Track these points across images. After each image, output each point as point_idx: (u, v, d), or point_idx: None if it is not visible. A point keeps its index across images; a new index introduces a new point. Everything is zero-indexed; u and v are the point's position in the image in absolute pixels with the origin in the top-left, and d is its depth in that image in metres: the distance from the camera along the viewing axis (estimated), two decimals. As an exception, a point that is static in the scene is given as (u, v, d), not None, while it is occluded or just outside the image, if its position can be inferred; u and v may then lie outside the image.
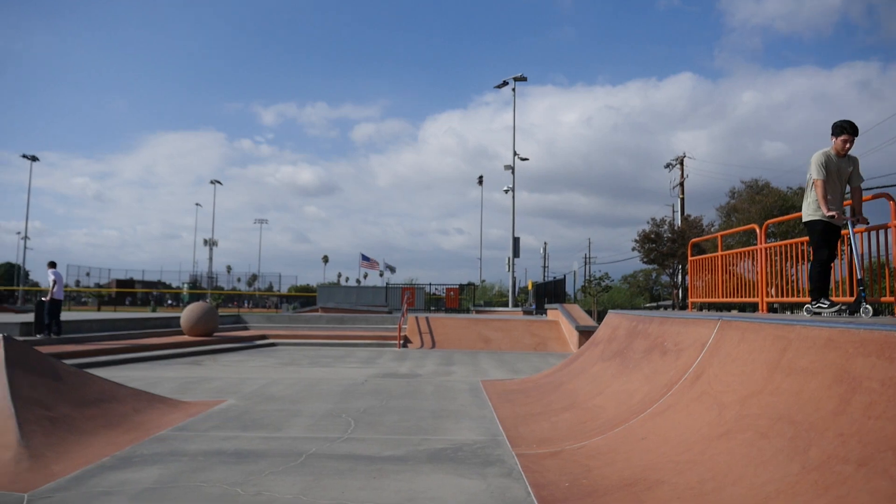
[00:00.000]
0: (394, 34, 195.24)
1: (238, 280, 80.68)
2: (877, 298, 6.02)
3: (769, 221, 9.62)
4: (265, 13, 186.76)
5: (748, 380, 3.87)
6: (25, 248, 57.76)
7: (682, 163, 41.88)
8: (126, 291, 61.42)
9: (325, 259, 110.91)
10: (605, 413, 5.28)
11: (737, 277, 9.38)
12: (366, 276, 77.82)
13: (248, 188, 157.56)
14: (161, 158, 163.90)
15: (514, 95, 31.80)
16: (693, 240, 15.65)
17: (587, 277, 60.15)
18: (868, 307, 5.02)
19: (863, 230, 5.96)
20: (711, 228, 35.78)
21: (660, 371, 5.33)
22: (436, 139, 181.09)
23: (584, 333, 14.10)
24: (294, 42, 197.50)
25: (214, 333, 15.95)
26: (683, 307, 35.06)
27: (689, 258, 11.33)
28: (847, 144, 5.35)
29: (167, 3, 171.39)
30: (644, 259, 38.86)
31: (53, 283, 12.60)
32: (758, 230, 8.69)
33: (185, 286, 63.89)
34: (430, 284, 42.83)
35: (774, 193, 33.36)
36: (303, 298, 59.15)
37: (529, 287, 42.14)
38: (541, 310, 23.75)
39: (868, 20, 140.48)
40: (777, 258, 8.18)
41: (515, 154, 32.35)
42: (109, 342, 12.92)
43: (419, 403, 7.06)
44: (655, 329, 6.29)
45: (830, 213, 5.30)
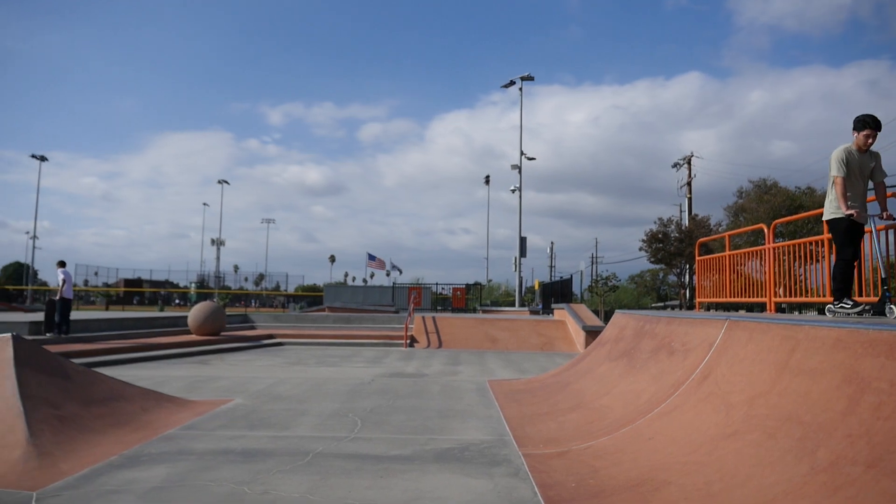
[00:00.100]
0: (401, 34, 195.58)
1: (245, 279, 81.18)
2: None
3: (777, 221, 9.56)
4: (272, 14, 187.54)
5: (756, 380, 3.85)
6: (34, 248, 58.11)
7: (690, 162, 41.77)
8: (134, 291, 61.87)
9: (332, 259, 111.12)
10: (612, 413, 5.26)
11: (745, 277, 9.34)
12: (372, 276, 77.90)
13: (256, 188, 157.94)
14: (169, 158, 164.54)
15: (521, 95, 31.86)
16: (700, 239, 15.63)
17: (594, 277, 60.00)
18: (893, 307, 4.85)
19: (882, 227, 5.71)
20: (719, 228, 35.58)
21: (667, 371, 5.30)
22: (443, 139, 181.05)
23: (591, 333, 14.06)
24: (301, 42, 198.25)
25: (222, 333, 16.01)
26: (691, 307, 34.92)
27: (697, 258, 11.30)
28: (869, 139, 5.17)
29: (176, 4, 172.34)
30: (651, 259, 38.76)
31: (63, 283, 12.71)
32: (766, 230, 8.65)
33: (193, 286, 64.36)
34: (437, 284, 42.99)
35: (782, 193, 33.12)
36: (310, 298, 59.36)
37: (536, 287, 42.06)
38: (547, 310, 23.72)
39: (877, 18, 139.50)
40: (785, 258, 8.14)
41: (522, 154, 32.37)
42: (117, 341, 13.01)
43: (426, 403, 7.07)
44: (663, 329, 6.26)
45: (849, 212, 5.13)
